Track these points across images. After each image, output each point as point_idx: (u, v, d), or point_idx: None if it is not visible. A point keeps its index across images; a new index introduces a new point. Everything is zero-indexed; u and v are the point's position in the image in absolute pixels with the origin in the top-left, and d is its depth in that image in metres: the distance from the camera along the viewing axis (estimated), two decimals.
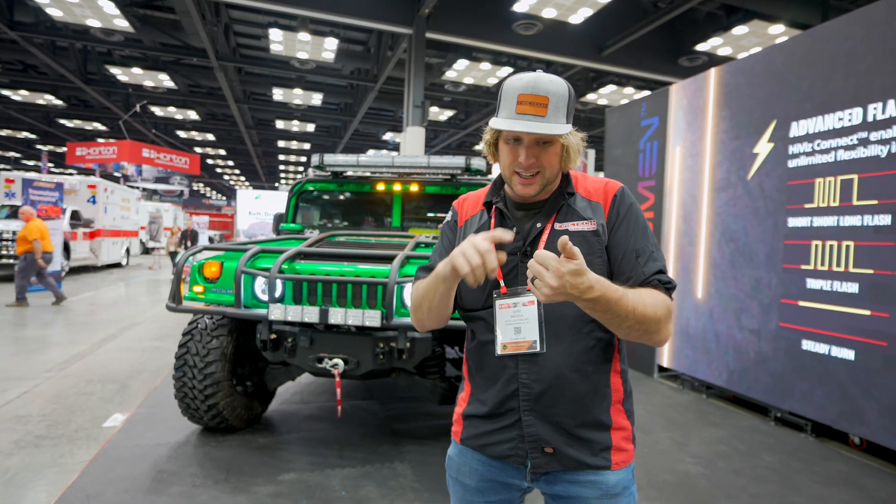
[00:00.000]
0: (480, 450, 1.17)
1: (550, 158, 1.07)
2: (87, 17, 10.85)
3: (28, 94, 17.49)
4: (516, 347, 1.07)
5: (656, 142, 5.26)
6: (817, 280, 3.65)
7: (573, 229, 1.10)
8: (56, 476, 2.82)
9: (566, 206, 1.13)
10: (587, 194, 1.15)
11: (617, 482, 1.11)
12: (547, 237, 1.11)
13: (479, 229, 1.19)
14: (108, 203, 14.91)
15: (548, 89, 1.03)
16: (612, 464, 1.11)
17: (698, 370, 4.70)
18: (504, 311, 1.09)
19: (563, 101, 1.04)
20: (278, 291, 2.86)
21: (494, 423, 1.15)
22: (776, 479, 3.09)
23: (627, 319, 0.95)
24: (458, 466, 1.22)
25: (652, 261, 1.09)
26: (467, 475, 1.20)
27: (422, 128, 10.76)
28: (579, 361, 1.09)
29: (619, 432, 1.13)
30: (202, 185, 45.61)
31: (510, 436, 1.13)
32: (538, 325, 1.06)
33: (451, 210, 1.30)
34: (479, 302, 1.16)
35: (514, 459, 1.13)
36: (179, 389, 3.17)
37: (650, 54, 11.49)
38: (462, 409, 1.24)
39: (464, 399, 1.24)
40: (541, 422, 1.10)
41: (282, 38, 11.51)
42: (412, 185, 4.16)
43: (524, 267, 1.10)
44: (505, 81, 1.08)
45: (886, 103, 3.25)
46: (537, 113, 1.02)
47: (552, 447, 1.10)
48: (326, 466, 3.03)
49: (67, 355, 5.32)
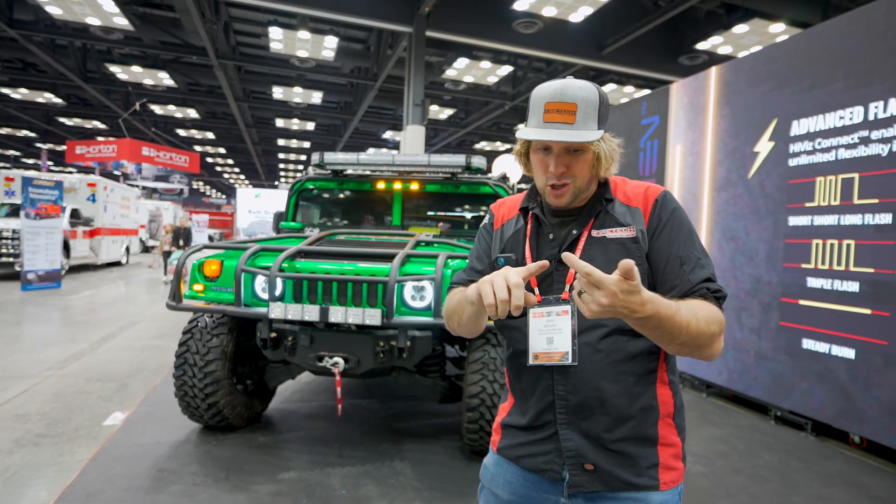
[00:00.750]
0: (516, 461, 1.14)
1: (581, 167, 1.04)
2: (86, 16, 10.84)
3: (28, 93, 17.48)
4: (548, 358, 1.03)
5: (657, 140, 5.25)
6: (818, 279, 3.65)
7: (611, 236, 1.06)
8: (56, 474, 2.82)
9: (604, 212, 1.09)
10: (626, 200, 1.11)
11: (662, 503, 1.03)
12: (584, 244, 1.07)
13: (514, 234, 1.18)
14: (107, 201, 14.90)
15: (576, 95, 0.99)
16: (661, 483, 1.03)
17: (698, 369, 4.70)
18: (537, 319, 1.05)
19: (592, 106, 1.00)
20: (278, 290, 2.86)
21: (531, 434, 1.11)
22: (776, 478, 3.10)
23: (680, 336, 0.89)
24: (493, 477, 1.19)
25: (699, 268, 1.02)
26: (501, 486, 1.16)
27: (422, 126, 10.76)
28: (619, 372, 1.03)
29: (667, 449, 1.05)
30: (202, 184, 45.59)
31: (546, 448, 1.08)
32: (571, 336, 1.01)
33: (488, 213, 1.28)
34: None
35: (549, 474, 1.08)
36: (180, 388, 3.17)
37: (650, 53, 11.48)
38: (501, 418, 1.21)
39: (505, 409, 1.22)
40: (579, 436, 1.04)
41: (282, 37, 11.50)
42: (412, 183, 4.15)
43: (559, 275, 1.08)
44: (534, 90, 1.05)
45: (887, 102, 3.25)
46: (565, 120, 0.99)
47: (592, 464, 1.04)
48: (326, 465, 3.03)
49: (67, 354, 5.32)
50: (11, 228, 10.66)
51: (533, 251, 1.13)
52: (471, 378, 2.90)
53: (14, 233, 10.62)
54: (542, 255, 1.11)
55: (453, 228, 4.17)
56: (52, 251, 10.14)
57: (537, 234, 1.15)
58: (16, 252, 10.61)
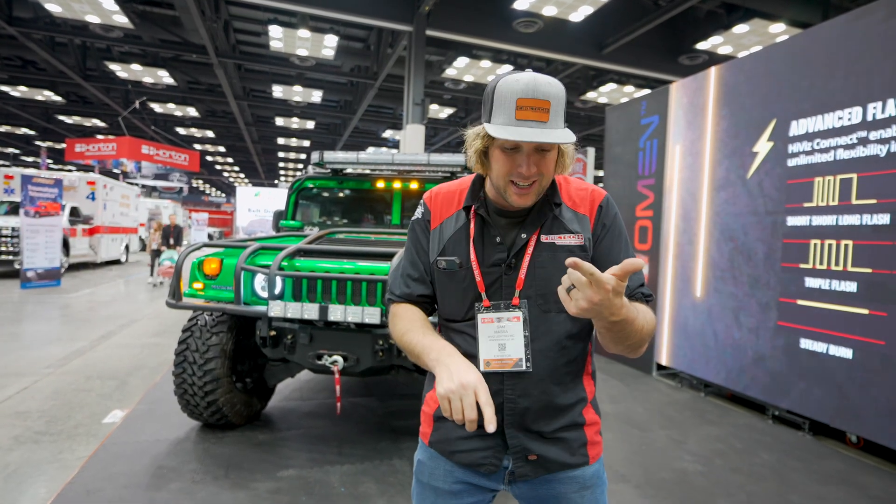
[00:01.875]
0: (449, 456, 1.12)
1: (549, 166, 1.02)
2: (86, 13, 10.82)
3: (27, 91, 17.45)
4: (500, 365, 1.04)
5: (656, 140, 5.26)
6: (816, 279, 3.66)
7: (560, 242, 1.06)
8: (55, 472, 2.83)
9: (552, 216, 1.08)
10: (573, 205, 1.10)
11: (593, 474, 1.13)
12: (532, 249, 1.06)
13: (456, 234, 1.12)
14: (107, 200, 14.88)
15: (548, 92, 0.95)
16: (590, 458, 1.12)
17: (696, 368, 4.71)
18: (487, 325, 1.05)
19: (561, 104, 0.97)
20: (278, 288, 2.86)
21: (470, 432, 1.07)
22: (773, 477, 3.11)
23: (633, 337, 0.94)
24: (431, 471, 1.16)
25: (636, 274, 1.05)
26: (441, 478, 1.15)
27: (422, 125, 10.75)
28: (561, 374, 1.08)
29: (591, 427, 1.13)
30: (202, 182, 45.55)
31: (485, 445, 1.09)
32: (524, 343, 1.03)
33: (420, 206, 1.18)
34: (461, 313, 1.10)
35: (486, 468, 1.10)
36: (179, 386, 3.17)
37: (650, 53, 11.48)
38: (433, 409, 1.16)
39: (434, 398, 1.15)
40: (523, 433, 1.08)
41: (282, 35, 11.49)
42: (412, 182, 4.16)
43: (508, 279, 1.07)
44: (498, 84, 0.97)
45: (886, 102, 3.26)
46: (539, 119, 0.94)
47: (535, 454, 1.08)
48: (326, 463, 3.04)
49: (67, 351, 5.32)
50: (11, 226, 10.66)
51: (479, 254, 1.09)
52: None
53: (13, 231, 10.62)
54: (489, 260, 1.08)
55: None
56: (52, 249, 10.13)
57: (482, 236, 1.10)
58: (15, 250, 10.61)
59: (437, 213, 1.16)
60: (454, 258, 1.10)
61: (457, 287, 1.10)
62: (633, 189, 5.57)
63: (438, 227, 1.15)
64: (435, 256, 1.13)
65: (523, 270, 1.06)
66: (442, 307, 1.16)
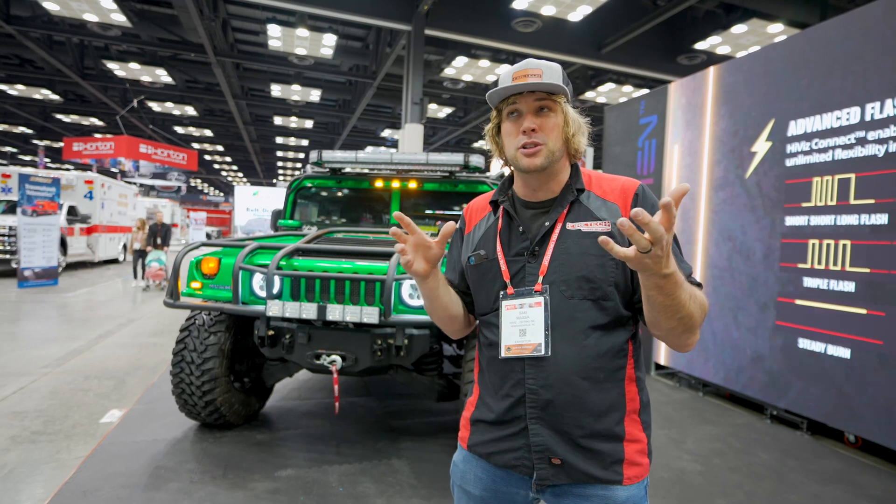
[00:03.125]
0: (486, 458, 1.12)
1: (552, 127, 1.06)
2: (83, 12, 10.80)
3: (24, 89, 17.41)
4: (520, 350, 1.04)
5: (654, 140, 5.26)
6: (814, 279, 3.66)
7: (586, 230, 1.05)
8: (53, 472, 2.82)
9: (577, 203, 1.08)
10: (602, 193, 1.09)
11: (627, 498, 1.04)
12: (557, 236, 1.06)
13: (486, 232, 1.17)
14: (105, 199, 14.86)
15: (540, 64, 1.06)
16: (625, 478, 1.03)
17: (695, 368, 4.72)
18: (510, 312, 1.06)
19: (556, 73, 1.06)
20: (276, 288, 2.86)
21: (501, 430, 1.09)
22: (772, 476, 3.11)
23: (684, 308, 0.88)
24: (463, 474, 1.18)
25: (682, 262, 0.99)
26: (471, 483, 1.15)
27: (420, 125, 10.75)
28: (590, 368, 1.03)
29: (633, 445, 1.05)
30: (200, 182, 45.48)
31: (516, 444, 1.07)
32: (544, 328, 1.03)
33: (461, 218, 1.29)
34: (490, 304, 1.13)
35: (519, 469, 1.07)
36: (177, 385, 3.16)
37: (649, 52, 11.49)
38: (470, 413, 1.19)
39: (472, 403, 1.19)
40: (548, 431, 1.04)
41: (280, 34, 11.47)
42: (410, 182, 4.15)
43: (532, 267, 1.07)
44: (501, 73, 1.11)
45: (884, 103, 3.26)
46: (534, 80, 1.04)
47: (560, 458, 1.03)
48: (324, 463, 3.03)
49: (64, 351, 5.31)
50: (8, 225, 10.63)
51: (504, 246, 1.12)
52: (468, 376, 2.91)
53: (11, 230, 10.59)
54: (513, 250, 1.11)
55: None
56: (49, 248, 10.11)
57: (508, 229, 1.13)
58: (12, 249, 10.58)
59: (470, 220, 1.24)
60: (480, 251, 1.15)
61: (485, 279, 1.14)
62: None
63: (471, 231, 1.22)
64: (467, 256, 1.19)
65: (547, 257, 1.06)
66: (476, 304, 1.20)
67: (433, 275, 1.10)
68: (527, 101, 1.05)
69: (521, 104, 1.06)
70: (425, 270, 1.07)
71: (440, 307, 1.16)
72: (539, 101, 1.05)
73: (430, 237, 1.06)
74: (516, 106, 1.07)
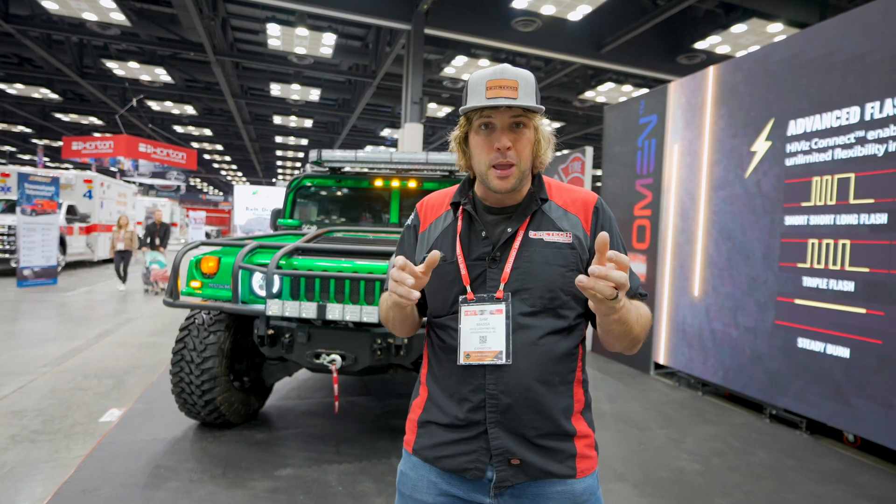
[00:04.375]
0: (433, 462, 1.10)
1: (524, 145, 1.05)
2: (82, 11, 10.78)
3: (23, 88, 17.38)
4: (480, 357, 1.04)
5: (654, 139, 5.26)
6: (813, 278, 3.66)
7: (548, 239, 1.07)
8: (52, 471, 2.82)
9: (539, 212, 1.10)
10: (563, 204, 1.12)
11: (584, 490, 1.08)
12: (519, 243, 1.07)
13: (444, 231, 1.15)
14: (104, 198, 14.85)
15: (516, 74, 1.02)
16: (578, 471, 1.08)
17: (694, 367, 4.72)
18: (470, 318, 1.05)
19: (531, 86, 1.03)
20: (276, 287, 2.85)
21: (454, 433, 1.08)
22: (771, 475, 3.11)
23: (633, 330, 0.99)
24: (414, 483, 1.13)
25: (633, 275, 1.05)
26: (424, 491, 1.11)
27: (420, 124, 10.74)
28: (547, 373, 1.05)
29: (582, 440, 1.10)
30: (199, 181, 45.45)
31: (470, 448, 1.07)
32: (505, 336, 1.03)
33: (413, 213, 1.25)
34: (446, 308, 1.11)
35: (472, 473, 1.07)
36: (176, 385, 3.16)
37: (649, 52, 11.49)
38: (417, 415, 1.16)
39: (419, 405, 1.16)
40: (507, 434, 1.05)
41: (279, 34, 11.45)
42: (410, 181, 4.15)
43: (492, 272, 1.07)
44: (470, 76, 1.06)
45: (884, 102, 3.26)
46: (508, 95, 1.00)
47: (519, 458, 1.05)
48: (323, 462, 3.03)
49: (64, 350, 5.31)
50: (7, 225, 10.62)
51: (465, 249, 1.11)
52: None
53: (10, 229, 10.58)
54: (474, 254, 1.09)
55: None
56: (49, 247, 10.10)
57: (469, 232, 1.12)
58: (12, 248, 10.57)
59: (425, 217, 1.21)
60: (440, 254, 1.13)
61: (442, 282, 1.11)
62: (631, 188, 5.57)
63: (426, 230, 1.18)
64: (422, 256, 1.15)
65: (509, 264, 1.06)
66: (430, 305, 1.17)
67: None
68: (502, 116, 1.03)
69: (495, 118, 1.03)
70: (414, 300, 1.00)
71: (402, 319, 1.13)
72: (514, 117, 1.03)
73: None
74: (490, 120, 1.04)
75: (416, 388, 1.21)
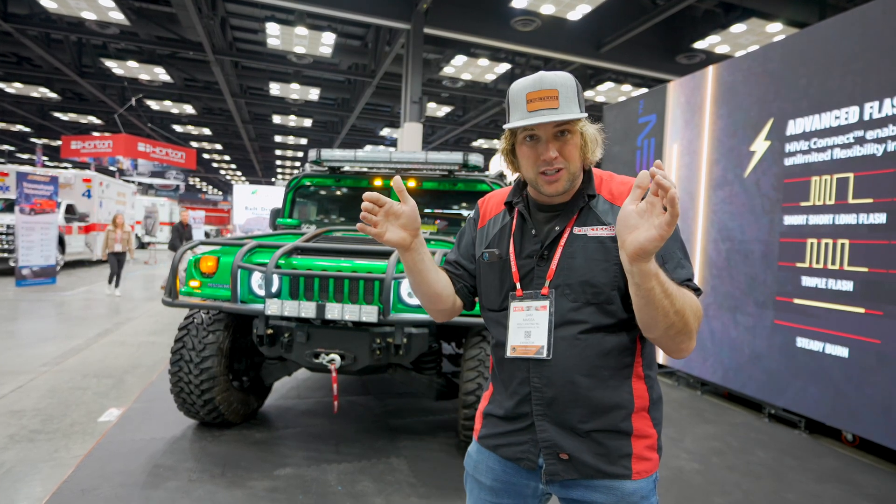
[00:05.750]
0: (493, 450, 1.17)
1: (571, 151, 1.05)
2: (81, 10, 10.76)
3: (22, 87, 17.36)
4: (525, 351, 1.08)
5: (654, 139, 5.26)
6: (812, 278, 3.67)
7: (592, 234, 1.07)
8: (51, 470, 2.82)
9: (587, 208, 1.10)
10: (611, 197, 1.11)
11: (635, 490, 1.07)
12: (566, 240, 1.08)
13: (500, 230, 1.20)
14: (103, 197, 14.83)
15: (554, 81, 1.02)
16: (633, 472, 1.06)
17: (693, 367, 4.72)
18: (517, 313, 1.10)
19: (572, 91, 1.02)
20: (275, 286, 2.85)
21: (509, 424, 1.14)
22: (769, 475, 3.12)
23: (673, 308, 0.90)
24: (476, 464, 1.22)
25: (680, 268, 1.03)
26: (483, 473, 1.19)
27: (419, 124, 10.74)
28: (594, 366, 1.05)
29: (641, 440, 1.08)
30: (198, 180, 45.40)
31: (523, 439, 1.11)
32: (547, 331, 1.06)
33: (475, 207, 1.30)
34: (497, 303, 1.17)
35: (525, 463, 1.11)
36: (175, 384, 3.16)
37: (648, 52, 11.49)
38: (483, 406, 1.24)
39: (486, 397, 1.25)
40: (554, 427, 1.07)
41: (279, 33, 11.44)
42: (409, 180, 4.15)
43: (540, 270, 1.10)
44: (510, 88, 1.07)
45: (883, 102, 3.26)
46: (549, 106, 1.00)
47: (567, 453, 1.06)
48: (323, 461, 3.03)
49: (63, 350, 5.30)
50: (6, 224, 10.61)
51: (517, 247, 1.16)
52: (467, 375, 2.91)
53: (8, 228, 10.57)
54: (525, 251, 1.14)
55: (450, 226, 4.17)
56: (47, 247, 10.09)
57: (521, 231, 1.16)
58: (10, 247, 10.56)
59: (485, 213, 1.27)
60: (494, 250, 1.18)
61: (496, 278, 1.17)
62: None
63: (485, 225, 1.24)
64: (481, 251, 1.22)
65: (555, 261, 1.09)
66: (483, 297, 1.23)
67: (415, 246, 1.11)
68: (546, 127, 1.03)
69: (539, 130, 1.04)
70: (402, 239, 1.07)
71: (424, 282, 1.16)
72: (558, 126, 1.03)
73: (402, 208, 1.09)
74: (534, 132, 1.04)
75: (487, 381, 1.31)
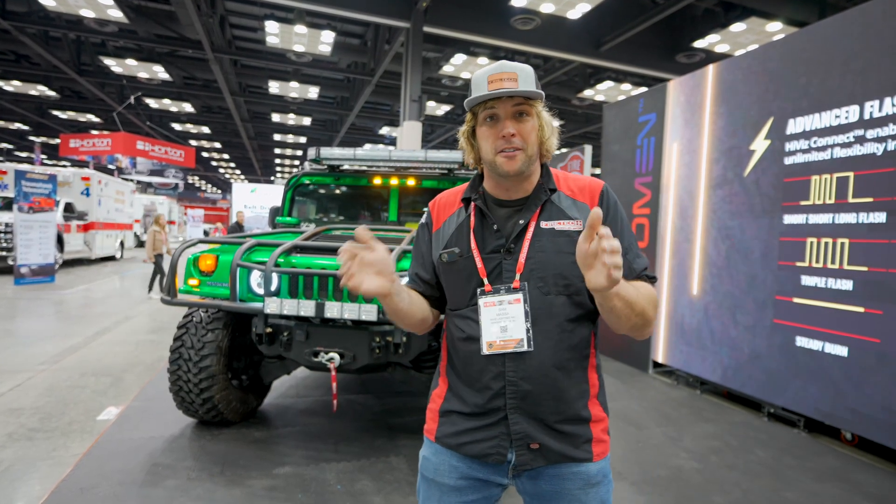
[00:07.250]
0: (456, 448, 1.16)
1: (529, 132, 1.08)
2: (80, 7, 10.74)
3: (21, 85, 17.31)
4: (503, 346, 1.08)
5: (653, 138, 5.26)
6: (812, 277, 3.67)
7: (559, 228, 1.10)
8: (50, 469, 2.81)
9: (549, 203, 1.13)
10: (571, 193, 1.15)
11: (598, 471, 1.13)
12: (531, 234, 1.10)
13: (458, 228, 1.18)
14: (101, 196, 14.80)
15: (514, 67, 1.07)
16: (594, 455, 1.13)
17: (693, 366, 4.72)
18: (489, 309, 1.09)
19: (531, 77, 1.07)
20: (274, 285, 2.85)
21: (476, 421, 1.13)
22: (769, 474, 3.12)
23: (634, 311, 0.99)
24: (436, 466, 1.19)
25: (638, 257, 1.12)
26: (446, 474, 1.17)
27: (419, 122, 10.73)
28: (563, 358, 1.10)
29: (597, 424, 1.15)
30: (197, 179, 45.36)
31: (491, 434, 1.12)
32: (525, 323, 1.07)
33: (426, 212, 1.28)
34: (465, 300, 1.15)
35: (493, 458, 1.12)
36: (174, 383, 3.16)
37: (648, 51, 11.48)
38: (438, 405, 1.21)
39: (439, 395, 1.22)
40: (526, 419, 1.10)
41: (278, 31, 11.42)
42: (409, 179, 4.14)
43: (508, 264, 1.11)
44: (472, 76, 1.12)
45: (883, 101, 3.26)
46: (510, 86, 1.05)
47: (538, 443, 1.10)
48: (322, 460, 3.03)
49: (61, 348, 5.29)
50: (4, 222, 10.59)
51: (479, 244, 1.15)
52: None
53: (7, 226, 10.55)
54: (488, 247, 1.14)
55: None
56: (46, 245, 10.07)
57: (482, 227, 1.16)
58: (9, 246, 10.54)
59: (438, 216, 1.24)
60: (455, 249, 1.17)
61: (460, 276, 1.16)
62: (630, 187, 5.57)
63: (440, 228, 1.22)
64: (438, 253, 1.20)
65: (523, 254, 1.10)
66: (448, 298, 1.22)
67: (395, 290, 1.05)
68: (504, 106, 1.07)
69: (499, 109, 1.08)
70: (380, 286, 0.99)
71: (407, 317, 1.14)
72: (517, 105, 1.07)
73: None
74: (494, 111, 1.08)
75: (435, 379, 1.26)
